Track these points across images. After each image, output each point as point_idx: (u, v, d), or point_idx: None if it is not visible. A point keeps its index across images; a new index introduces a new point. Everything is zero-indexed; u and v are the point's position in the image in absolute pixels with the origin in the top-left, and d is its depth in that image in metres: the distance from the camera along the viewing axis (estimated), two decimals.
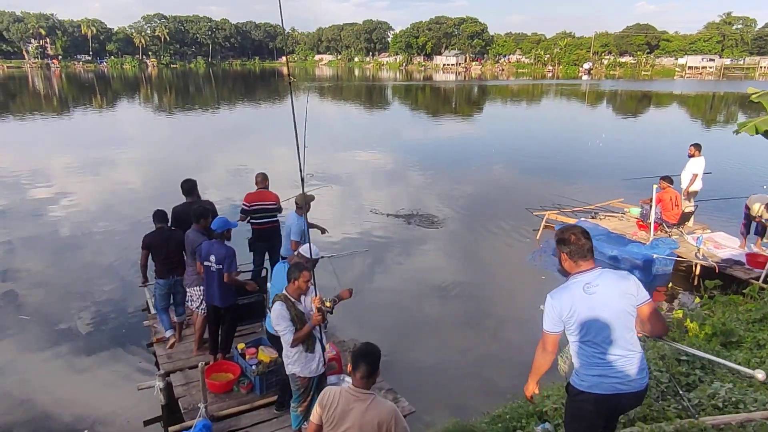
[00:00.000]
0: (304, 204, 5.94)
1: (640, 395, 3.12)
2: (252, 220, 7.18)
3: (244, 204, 7.19)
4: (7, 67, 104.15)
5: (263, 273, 7.14)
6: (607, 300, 2.98)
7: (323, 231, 7.40)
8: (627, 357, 3.01)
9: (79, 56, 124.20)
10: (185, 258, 6.09)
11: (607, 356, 3.00)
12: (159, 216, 6.18)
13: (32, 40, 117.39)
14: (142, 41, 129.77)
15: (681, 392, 4.34)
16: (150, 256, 6.15)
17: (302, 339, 4.27)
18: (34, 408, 5.62)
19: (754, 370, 3.30)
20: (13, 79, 74.72)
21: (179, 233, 6.14)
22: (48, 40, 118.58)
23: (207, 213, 5.90)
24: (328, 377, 4.97)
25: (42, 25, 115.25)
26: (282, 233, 6.90)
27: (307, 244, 4.78)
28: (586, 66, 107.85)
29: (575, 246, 3.05)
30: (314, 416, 3.05)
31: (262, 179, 7.37)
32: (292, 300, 4.33)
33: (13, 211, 12.72)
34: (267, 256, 7.40)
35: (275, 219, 7.30)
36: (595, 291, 2.99)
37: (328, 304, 4.42)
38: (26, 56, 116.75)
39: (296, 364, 4.37)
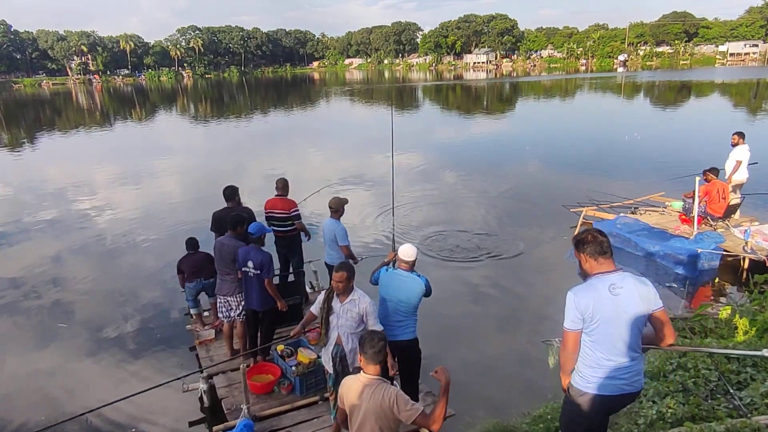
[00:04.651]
0: (340, 207, 6.23)
1: (637, 396, 3.24)
2: (271, 226, 7.24)
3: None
4: (53, 84, 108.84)
5: (290, 278, 7.29)
6: (630, 303, 2.98)
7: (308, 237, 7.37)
8: (635, 360, 3.07)
9: (118, 70, 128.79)
10: (219, 267, 6.07)
11: (619, 359, 3.03)
12: (189, 243, 6.86)
13: (75, 57, 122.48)
14: (178, 53, 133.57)
15: (731, 390, 4.18)
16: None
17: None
18: (82, 409, 5.83)
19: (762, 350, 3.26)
20: (58, 95, 78.07)
21: (203, 254, 6.77)
22: (89, 56, 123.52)
23: (243, 221, 5.98)
24: None
25: (84, 42, 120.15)
26: (327, 242, 6.71)
27: (407, 245, 4.80)
28: (621, 58, 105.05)
29: (593, 244, 3.04)
30: (339, 401, 3.36)
31: (280, 186, 7.24)
32: (334, 295, 4.41)
33: (60, 221, 13.29)
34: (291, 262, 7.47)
35: (290, 227, 7.20)
36: (620, 293, 2.97)
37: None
38: (70, 73, 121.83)
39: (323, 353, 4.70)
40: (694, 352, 4.33)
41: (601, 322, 2.99)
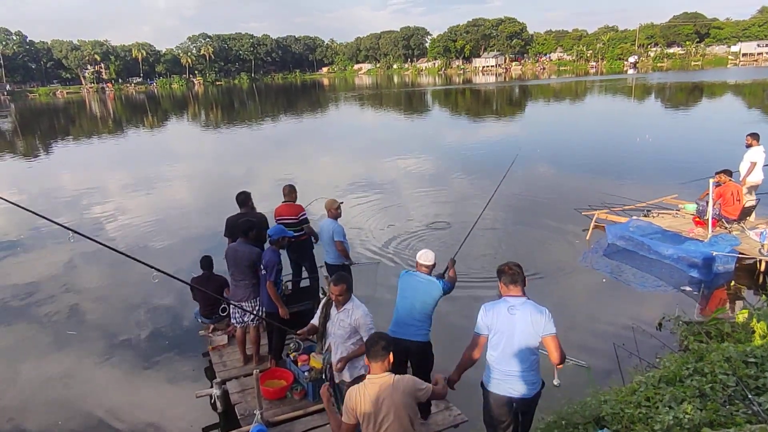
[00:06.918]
0: (331, 209, 6.66)
1: (530, 401, 3.84)
2: None
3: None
4: (67, 92, 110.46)
5: (302, 284, 7.29)
6: (521, 323, 3.69)
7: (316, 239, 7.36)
8: (521, 371, 3.72)
9: (130, 79, 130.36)
10: (233, 273, 6.08)
11: (507, 367, 3.75)
12: (203, 262, 6.85)
13: (88, 66, 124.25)
14: (189, 61, 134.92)
15: (750, 396, 4.11)
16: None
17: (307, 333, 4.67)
18: (95, 416, 5.86)
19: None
20: (72, 103, 79.14)
21: (220, 278, 6.72)
22: (102, 65, 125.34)
23: (253, 226, 6.01)
24: None
25: (97, 52, 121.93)
26: (325, 242, 6.89)
27: (426, 250, 4.96)
28: (632, 60, 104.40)
29: (507, 275, 3.82)
30: (346, 417, 3.28)
31: (287, 192, 7.30)
32: (332, 303, 4.41)
33: (73, 227, 13.40)
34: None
35: (300, 232, 7.24)
36: (515, 314, 3.72)
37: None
38: (83, 81, 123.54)
39: None
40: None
41: (496, 333, 3.76)
